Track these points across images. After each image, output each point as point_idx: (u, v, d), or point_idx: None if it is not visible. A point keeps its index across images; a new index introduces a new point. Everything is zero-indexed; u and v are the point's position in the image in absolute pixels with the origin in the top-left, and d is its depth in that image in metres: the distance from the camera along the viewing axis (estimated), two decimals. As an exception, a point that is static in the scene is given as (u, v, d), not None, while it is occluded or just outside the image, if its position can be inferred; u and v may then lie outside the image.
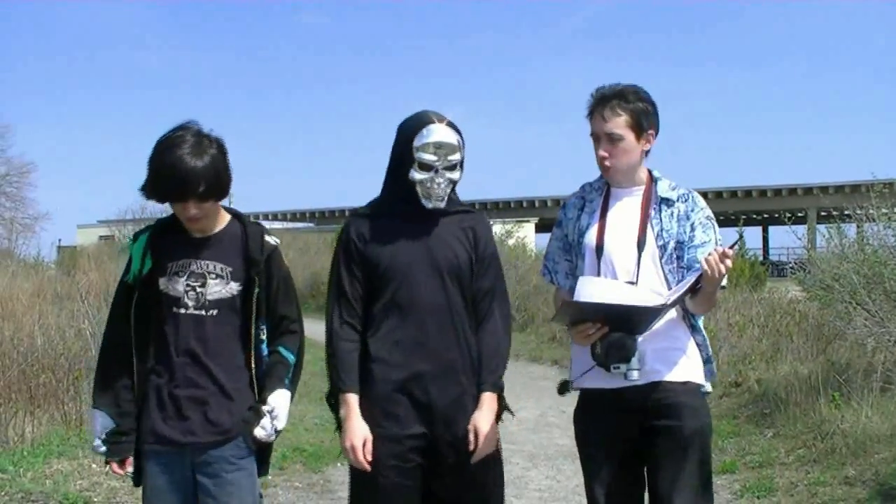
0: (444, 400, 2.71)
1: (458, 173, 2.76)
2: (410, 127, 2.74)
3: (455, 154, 2.71)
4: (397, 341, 2.72)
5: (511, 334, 2.88)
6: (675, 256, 2.78)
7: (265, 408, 2.70)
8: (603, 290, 2.68)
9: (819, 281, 8.56)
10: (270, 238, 2.80)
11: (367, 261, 2.76)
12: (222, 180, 2.67)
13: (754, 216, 42.34)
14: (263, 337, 2.77)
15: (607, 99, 2.77)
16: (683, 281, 2.70)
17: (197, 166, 2.57)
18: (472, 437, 2.68)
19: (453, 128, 2.73)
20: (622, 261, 2.76)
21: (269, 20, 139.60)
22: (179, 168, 2.56)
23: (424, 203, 2.74)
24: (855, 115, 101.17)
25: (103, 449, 2.71)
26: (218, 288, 2.69)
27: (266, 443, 2.75)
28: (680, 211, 2.81)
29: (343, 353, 2.74)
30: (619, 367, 2.67)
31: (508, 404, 2.85)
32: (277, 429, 2.72)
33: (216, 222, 2.75)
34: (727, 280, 2.69)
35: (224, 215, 2.79)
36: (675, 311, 2.77)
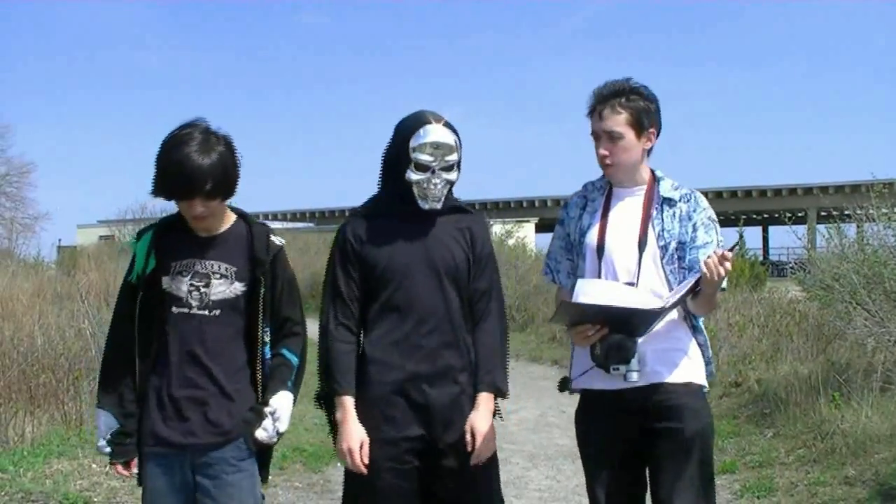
0: (442, 400, 2.69)
1: (456, 174, 2.74)
2: (407, 127, 2.72)
3: (452, 155, 2.70)
4: (394, 342, 2.71)
5: (508, 334, 2.87)
6: (676, 257, 2.76)
7: (267, 409, 2.67)
8: (602, 292, 2.66)
9: (819, 281, 8.55)
10: (276, 238, 2.76)
11: (363, 262, 2.74)
12: (229, 179, 2.62)
13: (754, 216, 42.29)
14: (267, 339, 2.73)
15: (607, 97, 2.75)
16: (683, 283, 2.68)
17: (204, 164, 2.53)
18: (469, 437, 2.67)
19: (450, 128, 2.71)
20: (623, 261, 2.75)
21: (269, 20, 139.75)
22: (186, 166, 2.52)
23: (421, 204, 2.72)
24: (855, 115, 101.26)
25: (108, 450, 2.67)
26: (222, 288, 2.66)
27: (266, 447, 2.72)
28: (682, 211, 2.79)
29: (339, 355, 2.72)
30: (618, 369, 2.66)
31: (499, 407, 2.82)
32: (279, 431, 2.69)
33: (222, 221, 2.72)
34: (727, 281, 2.68)
35: (230, 215, 2.75)
36: (676, 312, 2.75)
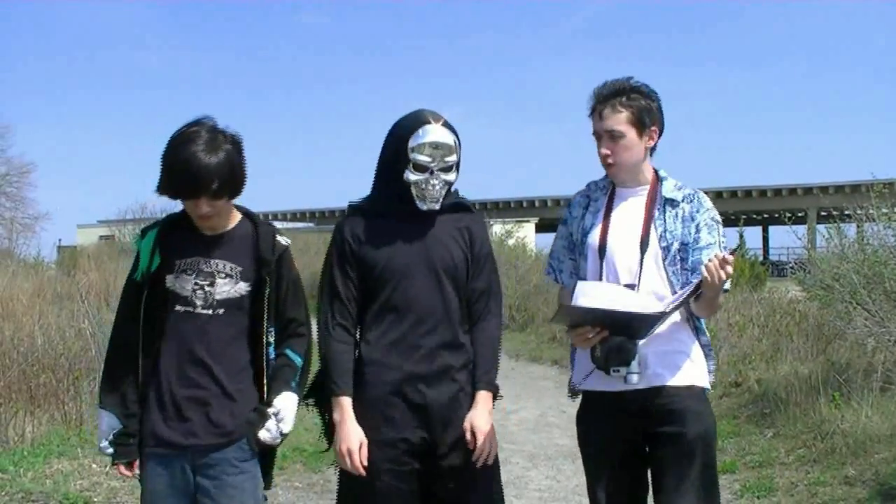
0: (441, 400, 2.68)
1: (454, 175, 2.72)
2: (406, 126, 2.69)
3: (452, 156, 2.68)
4: (392, 343, 2.69)
5: (502, 334, 2.87)
6: (679, 258, 2.74)
7: (271, 410, 2.64)
8: (601, 295, 2.64)
9: (819, 281, 8.55)
10: (282, 238, 2.73)
11: (362, 262, 2.72)
12: (236, 178, 2.59)
13: (754, 216, 42.26)
14: (271, 339, 2.70)
15: (607, 97, 2.74)
16: (684, 287, 2.66)
17: (211, 163, 2.49)
18: (469, 436, 2.66)
19: (449, 128, 2.69)
20: (624, 261, 2.73)
21: (269, 20, 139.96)
22: (192, 164, 2.48)
23: (419, 205, 2.70)
24: (855, 115, 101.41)
25: (111, 451, 2.64)
26: (226, 287, 2.63)
27: (269, 449, 2.69)
28: (685, 212, 2.77)
29: (336, 356, 2.70)
30: (618, 371, 2.64)
31: (496, 402, 2.80)
32: (283, 432, 2.66)
33: (228, 220, 2.69)
34: (730, 282, 2.66)
35: (235, 214, 2.72)
36: (679, 314, 2.73)
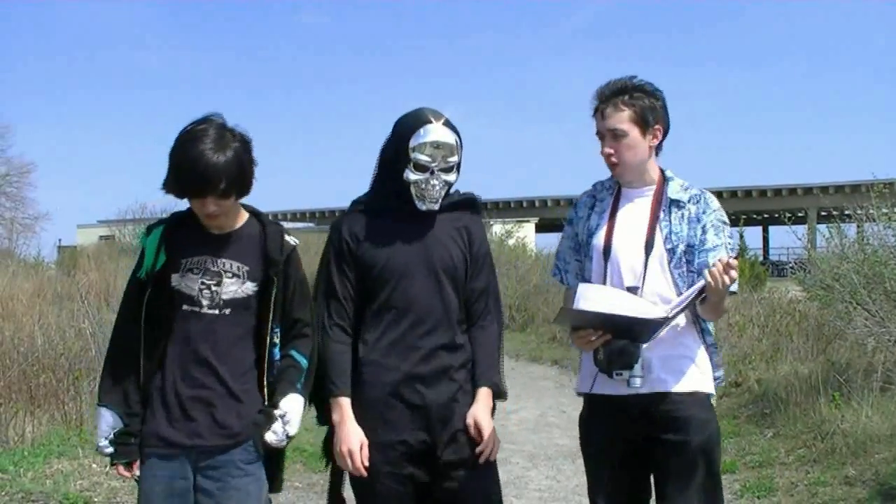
0: (440, 399, 2.67)
1: (455, 175, 2.71)
2: (407, 125, 2.67)
3: (453, 156, 2.67)
4: (391, 344, 2.67)
5: (503, 334, 2.86)
6: (684, 260, 2.71)
7: (277, 412, 2.59)
8: (603, 298, 2.61)
9: (819, 281, 8.55)
10: (290, 238, 2.70)
11: (361, 262, 2.70)
12: (244, 177, 2.54)
13: (754, 216, 42.24)
14: (277, 340, 2.65)
15: (609, 96, 2.73)
16: (686, 293, 2.64)
17: (219, 162, 2.45)
18: (473, 431, 2.65)
19: (451, 127, 2.67)
20: (629, 263, 2.71)
21: (269, 20, 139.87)
22: (200, 163, 2.44)
23: (418, 205, 2.68)
24: (855, 115, 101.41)
25: (110, 450, 2.56)
26: (233, 287, 2.59)
27: (277, 451, 2.64)
28: (691, 213, 2.74)
29: (334, 356, 2.68)
30: (621, 374, 2.62)
31: (495, 406, 2.79)
32: (289, 434, 2.61)
33: (235, 220, 2.65)
34: (737, 286, 2.63)
35: (242, 213, 2.68)
36: (684, 317, 2.70)
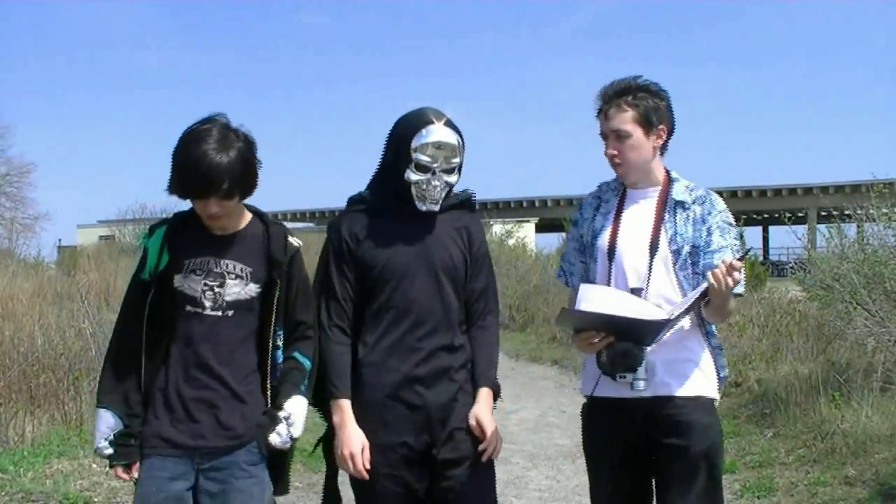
0: (440, 400, 2.66)
1: (456, 177, 2.70)
2: (409, 125, 2.66)
3: (456, 157, 2.65)
4: (391, 345, 2.66)
5: (499, 333, 2.86)
6: (690, 262, 2.69)
7: (281, 414, 2.57)
8: (604, 300, 2.59)
9: (819, 281, 8.55)
10: (293, 239, 2.67)
11: (360, 262, 2.68)
12: (248, 178, 2.52)
13: (754, 216, 42.24)
14: (280, 343, 2.63)
15: (612, 97, 2.72)
16: (689, 295, 2.61)
17: (222, 162, 2.42)
18: (477, 431, 2.66)
19: (453, 127, 2.66)
20: (633, 264, 2.69)
21: (269, 20, 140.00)
22: (203, 163, 2.41)
23: (418, 205, 2.67)
24: (855, 115, 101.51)
25: (109, 451, 2.52)
26: (237, 289, 2.56)
27: (281, 453, 2.63)
28: (696, 214, 2.72)
29: (335, 357, 2.66)
30: (624, 377, 2.60)
31: (494, 405, 2.78)
32: (294, 436, 2.59)
33: (238, 221, 2.62)
34: (743, 287, 2.62)
35: (246, 214, 2.65)
36: (689, 319, 2.68)
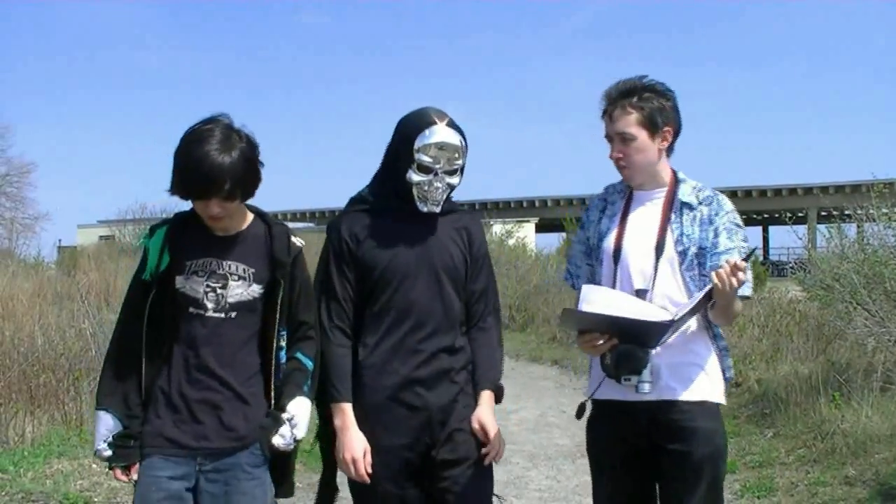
0: (441, 402, 2.65)
1: (458, 178, 2.69)
2: (412, 126, 2.64)
3: (459, 158, 2.64)
4: (391, 347, 2.65)
5: (502, 333, 2.86)
6: (696, 263, 2.66)
7: (285, 415, 2.55)
8: (607, 301, 2.57)
9: (819, 281, 8.55)
10: (296, 239, 2.65)
11: (361, 263, 2.67)
12: (250, 179, 2.51)
13: (754, 216, 42.20)
14: (283, 343, 2.61)
15: (616, 98, 2.70)
16: (694, 296, 2.59)
17: (224, 163, 2.40)
18: (480, 434, 2.65)
19: (455, 127, 2.64)
20: (639, 266, 2.67)
21: (269, 20, 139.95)
22: (205, 164, 2.39)
23: (419, 206, 2.66)
24: (855, 115, 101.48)
25: (108, 453, 2.50)
26: (239, 290, 2.54)
27: (285, 455, 2.60)
28: (702, 214, 2.70)
29: (336, 359, 2.65)
30: (629, 380, 2.57)
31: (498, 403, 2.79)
32: (297, 437, 2.57)
33: (240, 221, 2.60)
34: (750, 289, 2.60)
35: (248, 214, 2.64)
36: (696, 322, 2.66)
